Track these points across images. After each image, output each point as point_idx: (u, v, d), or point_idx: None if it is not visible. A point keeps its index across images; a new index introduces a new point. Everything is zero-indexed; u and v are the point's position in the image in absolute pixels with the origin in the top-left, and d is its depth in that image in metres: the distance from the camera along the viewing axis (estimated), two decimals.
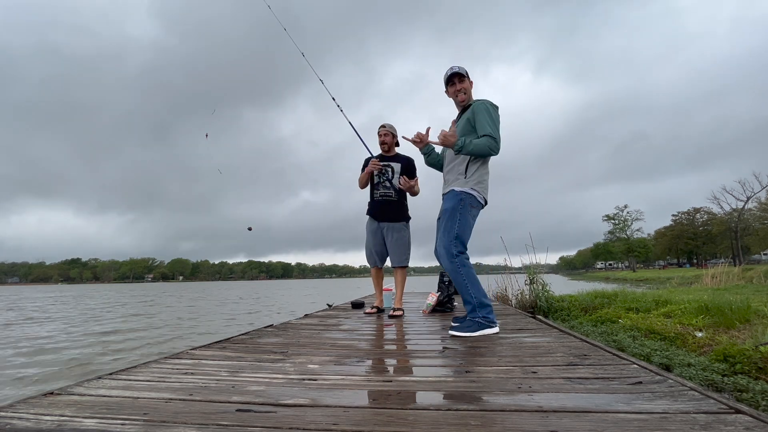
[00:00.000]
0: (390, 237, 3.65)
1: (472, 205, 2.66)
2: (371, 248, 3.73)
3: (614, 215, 60.50)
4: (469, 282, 2.58)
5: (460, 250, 2.62)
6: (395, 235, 3.64)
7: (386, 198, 3.64)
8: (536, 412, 1.13)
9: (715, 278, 10.41)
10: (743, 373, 2.15)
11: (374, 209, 3.69)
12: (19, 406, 1.22)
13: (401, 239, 3.66)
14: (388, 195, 3.63)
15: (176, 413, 1.15)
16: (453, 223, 2.62)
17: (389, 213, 3.64)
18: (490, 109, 2.63)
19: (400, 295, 3.81)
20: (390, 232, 3.65)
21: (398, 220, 3.67)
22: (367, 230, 3.78)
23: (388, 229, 3.65)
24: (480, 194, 2.68)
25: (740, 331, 3.20)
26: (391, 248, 3.66)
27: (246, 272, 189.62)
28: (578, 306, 5.26)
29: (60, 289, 55.18)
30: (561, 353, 1.91)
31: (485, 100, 2.70)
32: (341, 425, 1.06)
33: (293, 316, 7.06)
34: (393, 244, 3.64)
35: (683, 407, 1.13)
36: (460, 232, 2.62)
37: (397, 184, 3.61)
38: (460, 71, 2.78)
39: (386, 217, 3.65)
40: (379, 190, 3.66)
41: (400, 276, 3.77)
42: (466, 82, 2.81)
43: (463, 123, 2.71)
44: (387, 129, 3.68)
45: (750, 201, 40.78)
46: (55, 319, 10.55)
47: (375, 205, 3.69)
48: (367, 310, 3.84)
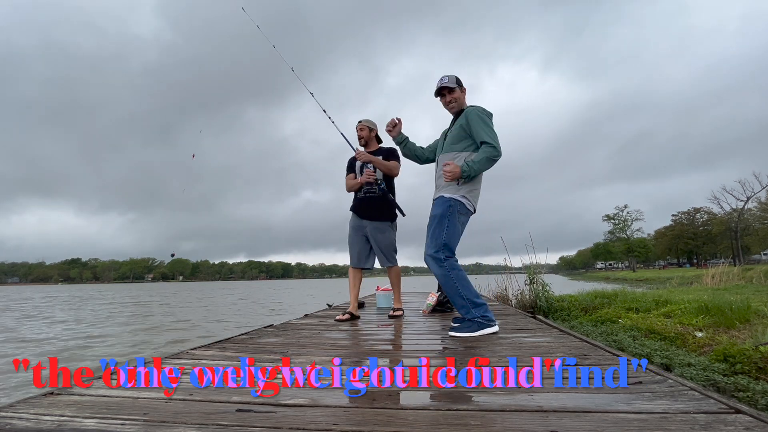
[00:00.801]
0: (374, 239, 3.53)
1: (461, 212, 2.66)
2: (353, 245, 3.61)
3: (614, 215, 60.56)
4: (460, 284, 2.59)
5: (448, 255, 2.62)
6: (379, 237, 3.52)
7: (370, 194, 3.54)
8: (536, 412, 1.13)
9: (715, 278, 10.42)
10: (743, 373, 2.15)
11: (358, 206, 3.59)
12: (19, 406, 1.22)
13: (386, 240, 3.53)
14: (372, 191, 3.53)
15: (176, 413, 1.15)
16: (441, 230, 2.62)
17: (373, 210, 3.52)
18: (483, 116, 2.64)
19: (398, 294, 3.73)
20: (374, 233, 3.52)
21: (382, 218, 3.53)
22: (349, 226, 3.66)
23: (372, 229, 3.53)
24: (470, 202, 2.68)
25: (740, 331, 3.20)
26: (377, 251, 3.57)
27: (246, 272, 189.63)
28: (578, 306, 5.26)
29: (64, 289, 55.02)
30: (561, 353, 1.91)
31: (477, 107, 2.70)
32: (341, 425, 1.06)
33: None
34: (378, 247, 3.54)
35: (683, 407, 1.13)
36: (448, 239, 2.62)
37: (380, 177, 3.52)
38: (448, 84, 2.79)
39: (370, 214, 3.53)
40: (363, 186, 3.58)
41: (394, 275, 3.68)
42: (456, 92, 2.81)
43: (457, 130, 2.72)
44: (363, 123, 3.64)
45: (750, 201, 40.84)
46: (105, 320, 10.48)
47: (359, 202, 3.59)
48: (339, 317, 3.42)
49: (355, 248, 3.59)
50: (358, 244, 3.58)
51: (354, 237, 3.60)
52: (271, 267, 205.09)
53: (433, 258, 2.63)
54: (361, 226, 3.57)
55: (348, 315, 3.44)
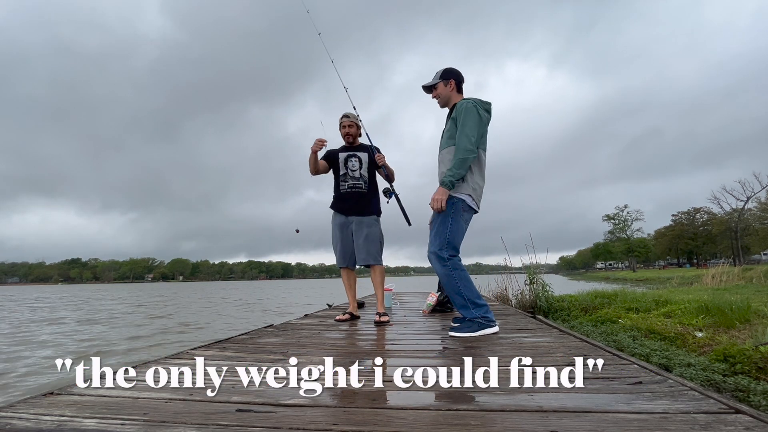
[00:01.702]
0: (359, 232, 3.29)
1: (464, 209, 2.64)
2: (339, 246, 3.38)
3: (614, 215, 60.57)
4: (462, 284, 2.58)
5: (452, 254, 2.61)
6: (365, 230, 3.28)
7: (356, 189, 3.34)
8: (536, 412, 1.13)
9: (715, 278, 10.43)
10: (743, 373, 2.15)
11: (341, 202, 3.38)
12: (19, 406, 1.22)
13: (372, 234, 3.29)
14: (358, 186, 3.35)
15: (176, 413, 1.15)
16: (444, 227, 2.61)
17: (359, 206, 3.33)
18: (469, 110, 2.61)
19: (381, 297, 3.41)
20: (360, 227, 3.30)
21: (368, 213, 3.34)
22: (333, 225, 3.43)
23: (358, 224, 3.31)
24: (474, 201, 2.67)
25: (740, 331, 3.20)
26: (359, 244, 3.28)
27: (246, 272, 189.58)
28: (578, 306, 5.26)
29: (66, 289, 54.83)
30: (561, 353, 1.91)
31: (467, 100, 2.68)
32: (341, 425, 1.06)
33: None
34: (362, 240, 3.27)
35: (683, 407, 1.13)
36: (452, 236, 2.60)
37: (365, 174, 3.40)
38: (428, 84, 2.86)
39: (355, 210, 3.33)
40: (347, 181, 3.35)
41: (379, 275, 3.40)
42: (440, 86, 2.82)
43: (450, 124, 2.73)
44: (352, 120, 3.40)
45: (750, 201, 40.82)
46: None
47: (342, 198, 3.37)
48: (339, 317, 3.37)
49: (342, 246, 3.38)
50: (345, 242, 3.37)
51: (339, 235, 3.37)
52: (271, 267, 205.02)
53: (436, 255, 2.62)
54: (347, 223, 3.37)
55: (348, 315, 3.40)
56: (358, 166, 3.38)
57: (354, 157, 3.39)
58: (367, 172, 3.42)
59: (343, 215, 3.38)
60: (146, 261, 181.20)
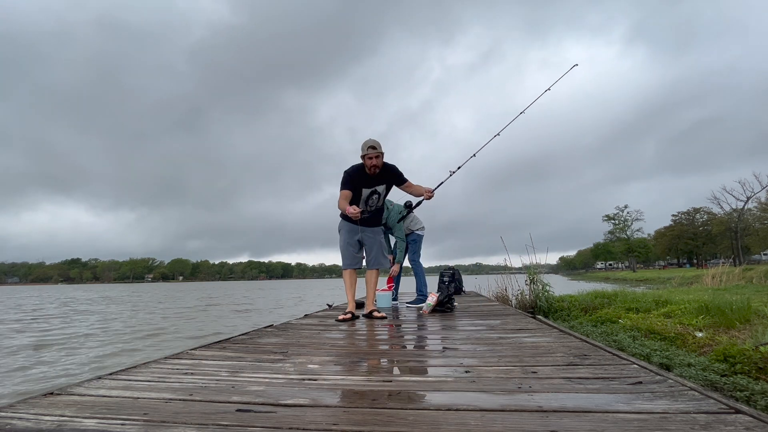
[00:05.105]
0: (372, 241, 3.63)
1: None
2: (348, 247, 3.62)
3: (614, 215, 60.56)
4: None
5: None
6: (378, 239, 3.67)
7: (370, 212, 3.63)
8: (536, 412, 1.13)
9: (715, 278, 10.41)
10: (743, 373, 2.15)
11: (354, 221, 3.53)
12: (19, 406, 1.22)
13: (382, 244, 3.73)
14: (372, 212, 3.64)
15: (176, 413, 1.15)
16: None
17: (370, 222, 3.64)
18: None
19: (372, 296, 3.75)
20: (371, 235, 3.64)
21: (377, 225, 3.73)
22: (342, 230, 3.67)
23: (370, 233, 3.64)
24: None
25: (740, 331, 3.20)
26: (373, 252, 3.64)
27: (246, 272, 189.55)
28: (578, 306, 5.26)
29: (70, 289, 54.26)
30: (561, 353, 1.91)
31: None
32: (341, 425, 1.06)
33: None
34: (376, 248, 3.64)
35: (683, 407, 1.13)
36: None
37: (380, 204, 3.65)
38: None
39: (367, 223, 3.63)
40: (364, 213, 3.50)
41: (376, 276, 3.72)
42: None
43: None
44: (378, 151, 3.34)
45: (750, 201, 40.79)
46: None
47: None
48: (341, 317, 3.49)
49: (351, 251, 3.64)
50: (354, 247, 3.64)
51: (349, 240, 3.62)
52: (271, 267, 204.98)
53: None
54: (356, 230, 3.63)
55: (349, 315, 3.49)
56: (376, 201, 3.58)
57: (375, 194, 3.54)
58: (383, 200, 3.64)
59: (353, 224, 3.61)
60: (146, 261, 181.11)
